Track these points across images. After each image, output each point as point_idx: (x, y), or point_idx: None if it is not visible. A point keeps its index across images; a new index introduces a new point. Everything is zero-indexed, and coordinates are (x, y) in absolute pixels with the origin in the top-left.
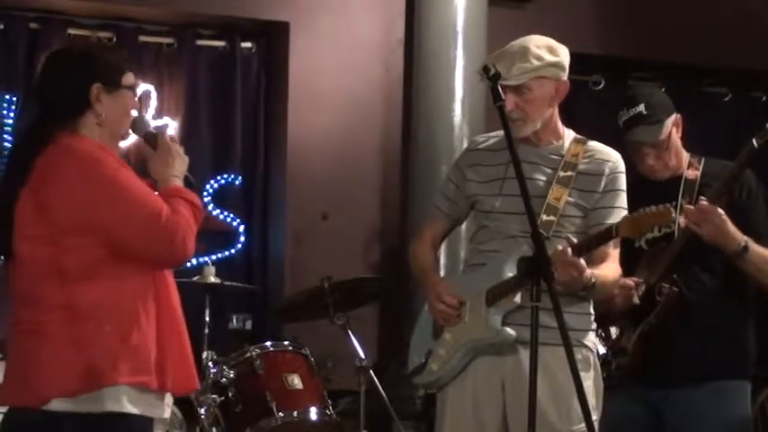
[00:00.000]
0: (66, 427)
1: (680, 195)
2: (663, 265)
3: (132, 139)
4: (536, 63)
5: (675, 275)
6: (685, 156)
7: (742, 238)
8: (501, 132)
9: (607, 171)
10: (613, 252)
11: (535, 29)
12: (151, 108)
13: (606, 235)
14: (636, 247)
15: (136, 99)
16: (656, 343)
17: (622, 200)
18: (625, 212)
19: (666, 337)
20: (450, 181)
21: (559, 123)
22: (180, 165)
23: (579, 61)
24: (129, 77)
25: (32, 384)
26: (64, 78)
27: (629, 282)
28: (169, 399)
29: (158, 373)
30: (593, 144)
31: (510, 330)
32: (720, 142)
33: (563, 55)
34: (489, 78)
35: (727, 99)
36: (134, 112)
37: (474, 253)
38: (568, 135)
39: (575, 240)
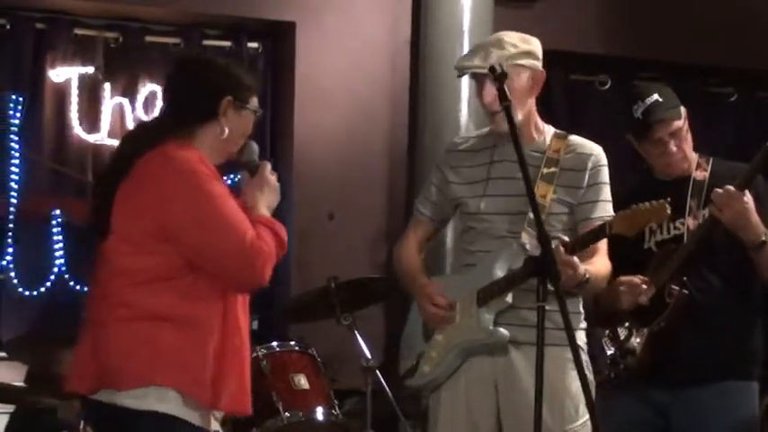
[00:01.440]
0: (112, 418)
1: (688, 196)
2: (672, 268)
3: None
4: (512, 50)
5: (685, 277)
6: (694, 156)
7: (764, 231)
8: (481, 132)
9: (590, 165)
10: (602, 246)
11: (541, 29)
12: (157, 108)
13: (600, 232)
14: (645, 249)
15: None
16: (664, 344)
17: (606, 193)
18: (609, 205)
19: (674, 338)
20: (431, 184)
21: (539, 118)
22: (273, 199)
23: (585, 61)
24: (255, 102)
25: (86, 373)
26: (201, 82)
27: (636, 280)
28: (218, 414)
29: (212, 389)
30: (574, 138)
31: (503, 330)
32: (726, 143)
33: (535, 45)
34: (496, 78)
35: (732, 99)
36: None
37: (462, 254)
38: (548, 130)
39: (566, 239)
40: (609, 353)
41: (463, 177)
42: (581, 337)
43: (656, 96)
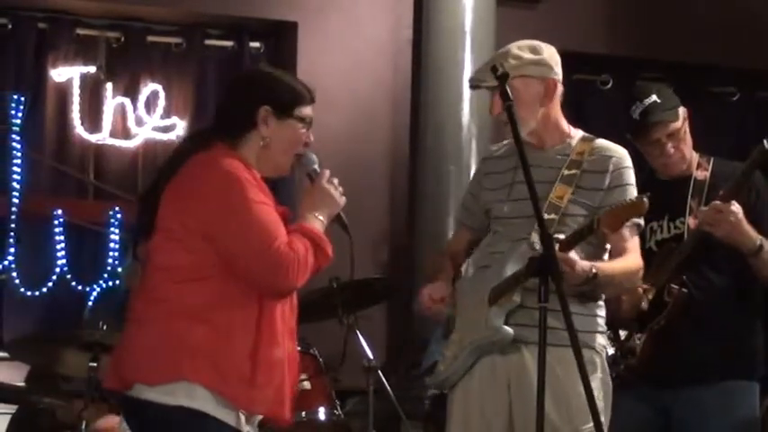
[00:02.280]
0: (146, 413)
1: (689, 196)
2: (671, 267)
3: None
4: (513, 62)
5: (684, 276)
6: (694, 156)
7: (757, 236)
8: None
9: (611, 167)
10: (631, 244)
11: (543, 29)
12: (159, 108)
13: (588, 229)
14: (646, 249)
15: (307, 133)
16: (664, 343)
17: (631, 194)
18: None
19: (675, 337)
20: (469, 192)
21: (563, 122)
22: (330, 208)
23: (587, 61)
24: (304, 110)
25: (120, 368)
26: (237, 94)
27: (637, 290)
28: (253, 418)
29: (244, 392)
30: (601, 141)
31: (508, 328)
32: (727, 142)
33: (547, 53)
34: (497, 78)
35: (734, 99)
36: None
37: (481, 256)
38: (576, 134)
39: (561, 236)
40: (610, 353)
41: (493, 183)
42: (598, 341)
43: (654, 97)
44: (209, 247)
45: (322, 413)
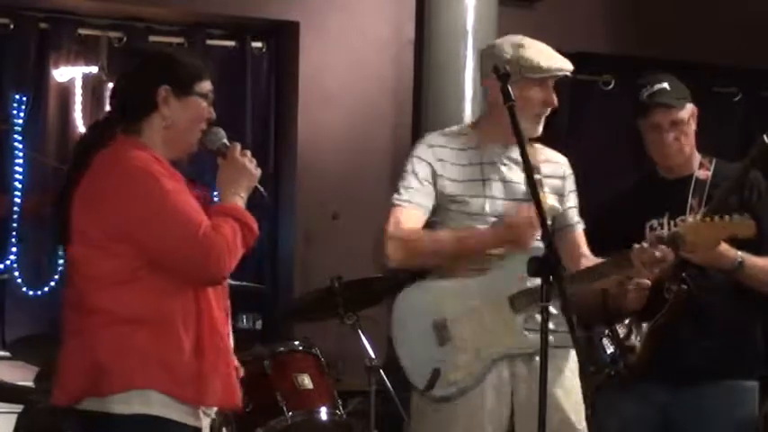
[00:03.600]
0: (99, 426)
1: (690, 195)
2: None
3: None
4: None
5: (684, 274)
6: (697, 155)
7: (736, 255)
8: (450, 130)
9: (566, 173)
10: None
11: (545, 28)
12: None
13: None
14: None
15: (209, 108)
16: (664, 342)
17: (575, 199)
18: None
19: (675, 335)
20: (420, 177)
21: None
22: (246, 181)
23: (589, 61)
24: (203, 85)
25: (67, 383)
26: (134, 78)
27: (644, 282)
28: (209, 411)
29: (194, 387)
30: (539, 146)
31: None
32: (730, 142)
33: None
34: (499, 78)
35: (736, 99)
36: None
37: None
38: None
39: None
40: (609, 351)
41: (454, 175)
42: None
43: (665, 84)
44: (132, 250)
45: (324, 413)
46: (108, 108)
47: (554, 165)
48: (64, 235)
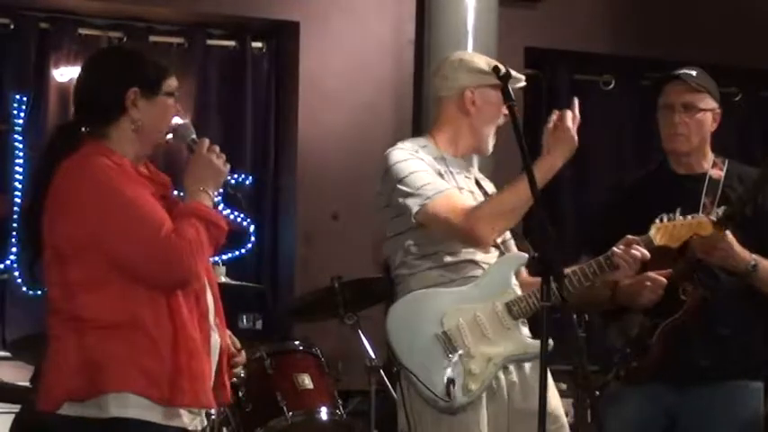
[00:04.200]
0: (77, 431)
1: (703, 193)
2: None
3: None
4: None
5: (695, 275)
6: (710, 155)
7: (750, 257)
8: (413, 143)
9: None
10: None
11: (545, 29)
12: None
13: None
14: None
15: (176, 105)
16: (675, 342)
17: None
18: None
19: (685, 336)
20: (422, 169)
21: None
22: (213, 177)
23: (589, 61)
24: (170, 83)
25: (48, 389)
26: (100, 80)
27: (661, 279)
28: (199, 411)
29: (170, 388)
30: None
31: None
32: (730, 142)
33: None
34: (499, 78)
35: (737, 99)
36: (178, 119)
37: (465, 264)
38: None
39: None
40: (618, 349)
41: (447, 181)
42: None
43: (693, 71)
44: (99, 256)
45: (324, 413)
46: (73, 107)
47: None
48: (36, 244)
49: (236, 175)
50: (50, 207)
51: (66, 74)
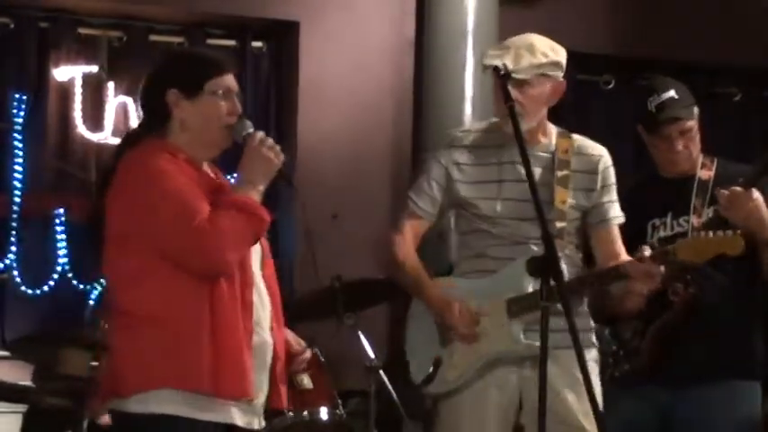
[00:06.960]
0: (122, 426)
1: (693, 195)
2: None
3: None
4: (543, 60)
5: (689, 276)
6: (699, 156)
7: None
8: (482, 125)
9: (601, 167)
10: None
11: (545, 29)
12: None
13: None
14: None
15: (228, 104)
16: (668, 343)
17: (615, 193)
18: (618, 205)
19: (678, 336)
20: (430, 178)
21: (547, 121)
22: (262, 170)
23: (589, 61)
24: (216, 83)
25: (106, 382)
26: (147, 84)
27: (643, 286)
28: (255, 408)
29: (212, 379)
30: (578, 137)
31: (533, 343)
32: (730, 142)
33: (562, 55)
34: (500, 77)
35: (736, 99)
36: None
37: (475, 258)
38: (552, 130)
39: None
40: (612, 352)
41: (470, 177)
42: (594, 337)
43: (672, 93)
44: (142, 245)
45: (324, 413)
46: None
47: (586, 158)
48: (98, 238)
49: (235, 175)
50: (111, 201)
51: (65, 73)
